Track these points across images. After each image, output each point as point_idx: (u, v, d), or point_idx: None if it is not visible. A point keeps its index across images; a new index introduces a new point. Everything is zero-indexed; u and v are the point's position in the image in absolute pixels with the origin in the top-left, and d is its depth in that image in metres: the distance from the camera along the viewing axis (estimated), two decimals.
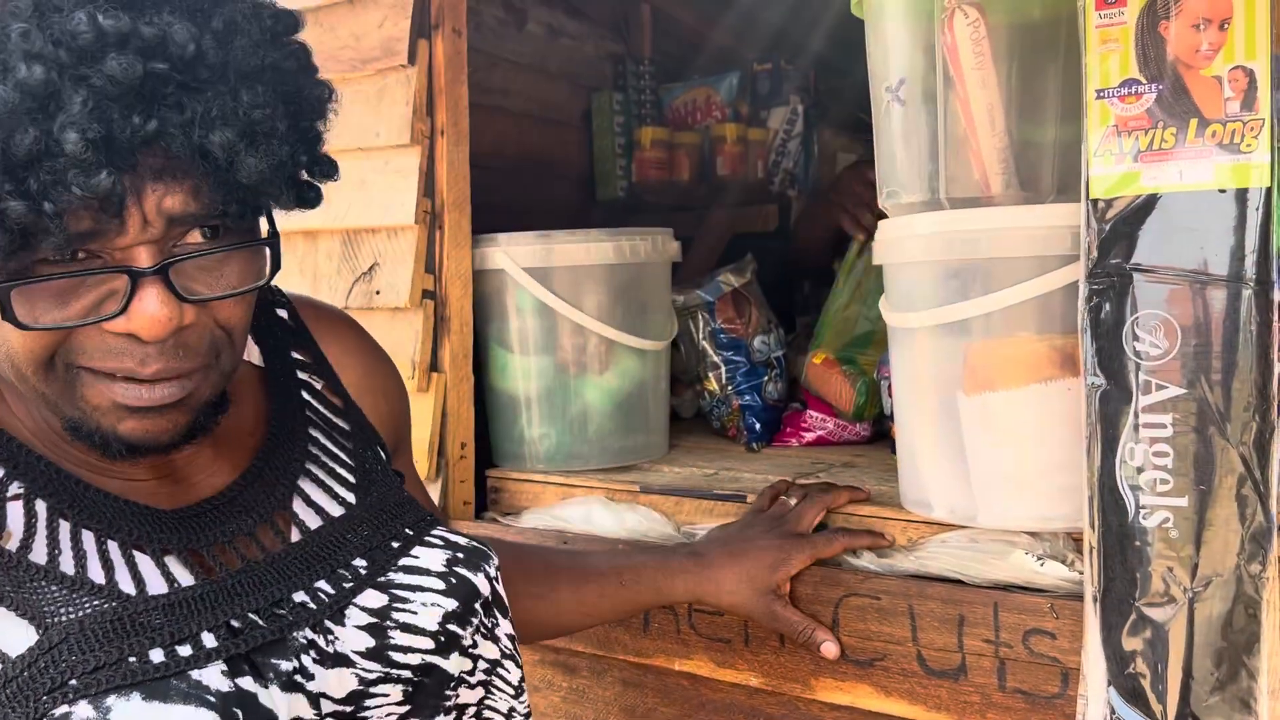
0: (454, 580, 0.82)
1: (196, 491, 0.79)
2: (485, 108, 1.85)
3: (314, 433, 0.88)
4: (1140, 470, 0.91)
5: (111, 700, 0.63)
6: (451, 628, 0.80)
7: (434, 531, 0.86)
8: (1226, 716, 0.89)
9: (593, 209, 2.16)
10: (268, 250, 0.72)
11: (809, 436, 1.54)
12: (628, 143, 2.16)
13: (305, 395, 0.90)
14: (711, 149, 2.17)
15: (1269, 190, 0.87)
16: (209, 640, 0.69)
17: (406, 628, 0.78)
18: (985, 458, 1.05)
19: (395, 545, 0.83)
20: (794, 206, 2.21)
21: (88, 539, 0.70)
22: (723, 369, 1.55)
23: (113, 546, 0.71)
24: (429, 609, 0.80)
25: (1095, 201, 0.93)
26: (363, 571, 0.80)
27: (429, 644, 0.79)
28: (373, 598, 0.79)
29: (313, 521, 0.82)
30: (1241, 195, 0.88)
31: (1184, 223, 0.90)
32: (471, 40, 1.49)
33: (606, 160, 2.17)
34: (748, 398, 1.54)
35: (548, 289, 1.40)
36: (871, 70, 1.14)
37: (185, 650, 0.67)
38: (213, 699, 0.66)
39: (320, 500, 0.84)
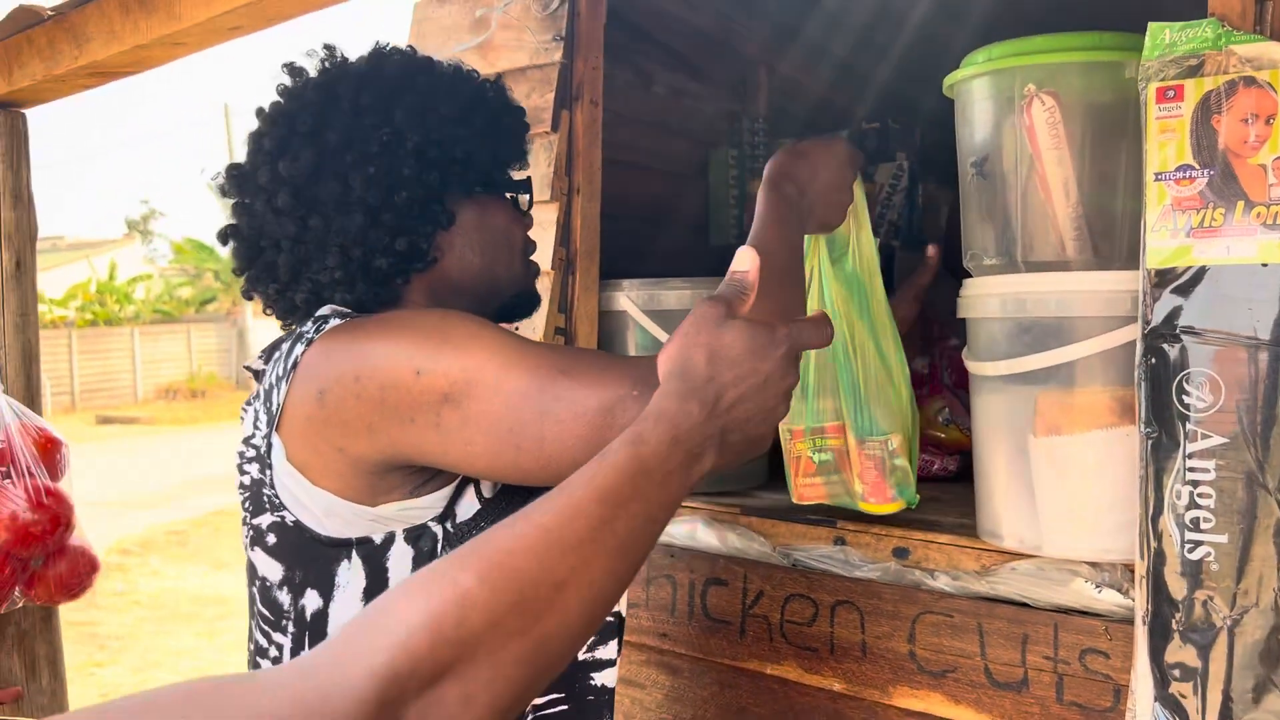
0: None
1: None
2: (612, 162, 2.03)
3: None
4: (1186, 509, 1.03)
5: None
6: None
7: None
8: None
9: (707, 253, 2.33)
10: None
11: None
12: (740, 194, 2.32)
13: None
14: None
15: None
16: None
17: None
18: (1052, 494, 1.17)
19: None
20: (896, 257, 2.34)
21: None
22: None
23: None
24: None
25: (1152, 271, 1.05)
26: None
27: None
28: None
29: None
30: None
31: (1230, 292, 1.02)
32: (603, 101, 1.67)
33: (721, 210, 2.34)
34: None
35: (663, 329, 1.57)
36: (959, 145, 1.28)
37: None
38: None
39: None
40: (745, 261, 0.84)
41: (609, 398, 0.94)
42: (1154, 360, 1.05)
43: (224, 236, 1.15)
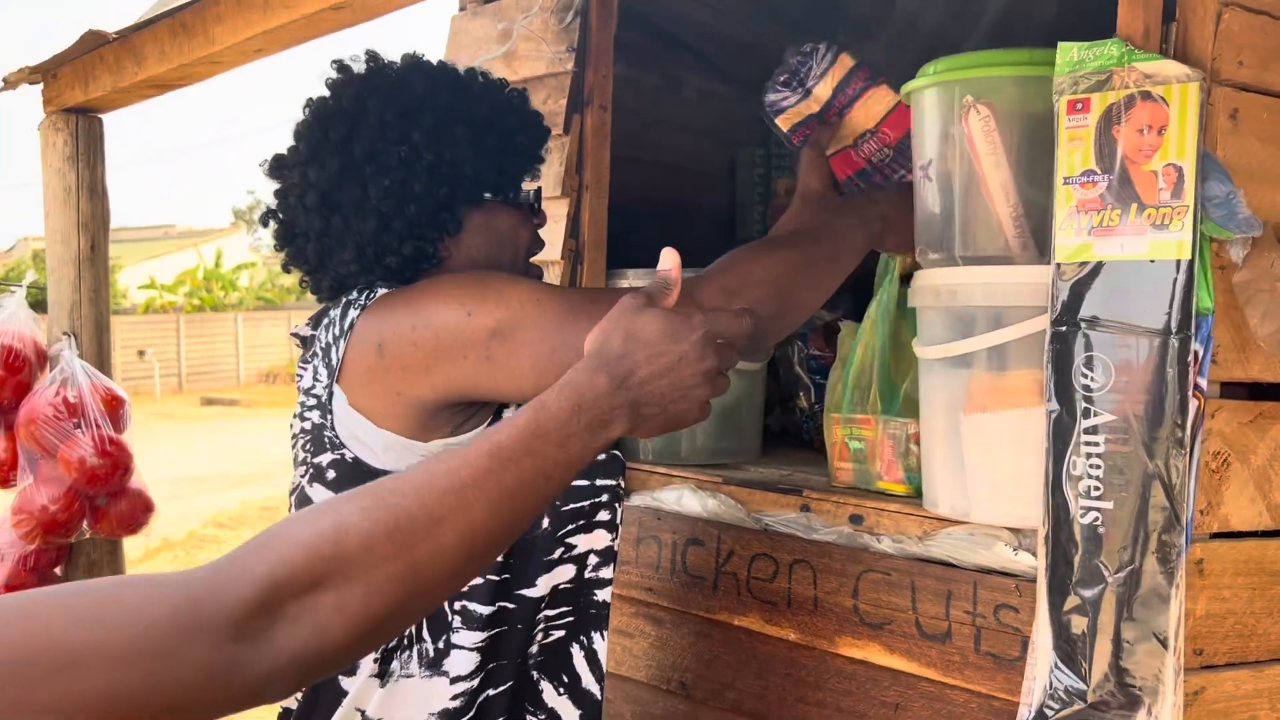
0: None
1: None
2: (641, 161, 2.19)
3: None
4: (1080, 478, 1.15)
5: None
6: None
7: None
8: (1141, 678, 1.12)
9: (733, 247, 2.47)
10: None
11: None
12: (765, 191, 2.46)
13: None
14: None
15: (1190, 262, 1.10)
16: None
17: None
18: (979, 466, 1.30)
19: None
20: None
21: None
22: (812, 390, 1.83)
23: None
24: None
25: (1059, 265, 1.17)
26: None
27: None
28: None
29: None
30: (1168, 265, 1.11)
31: (1123, 286, 1.13)
32: (631, 104, 1.83)
33: (747, 206, 2.48)
34: None
35: None
36: (913, 150, 1.41)
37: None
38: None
39: None
40: (667, 261, 0.98)
41: None
42: (1058, 346, 1.17)
43: (265, 219, 1.34)
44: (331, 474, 1.21)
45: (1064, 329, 1.16)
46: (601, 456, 1.29)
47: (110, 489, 1.72)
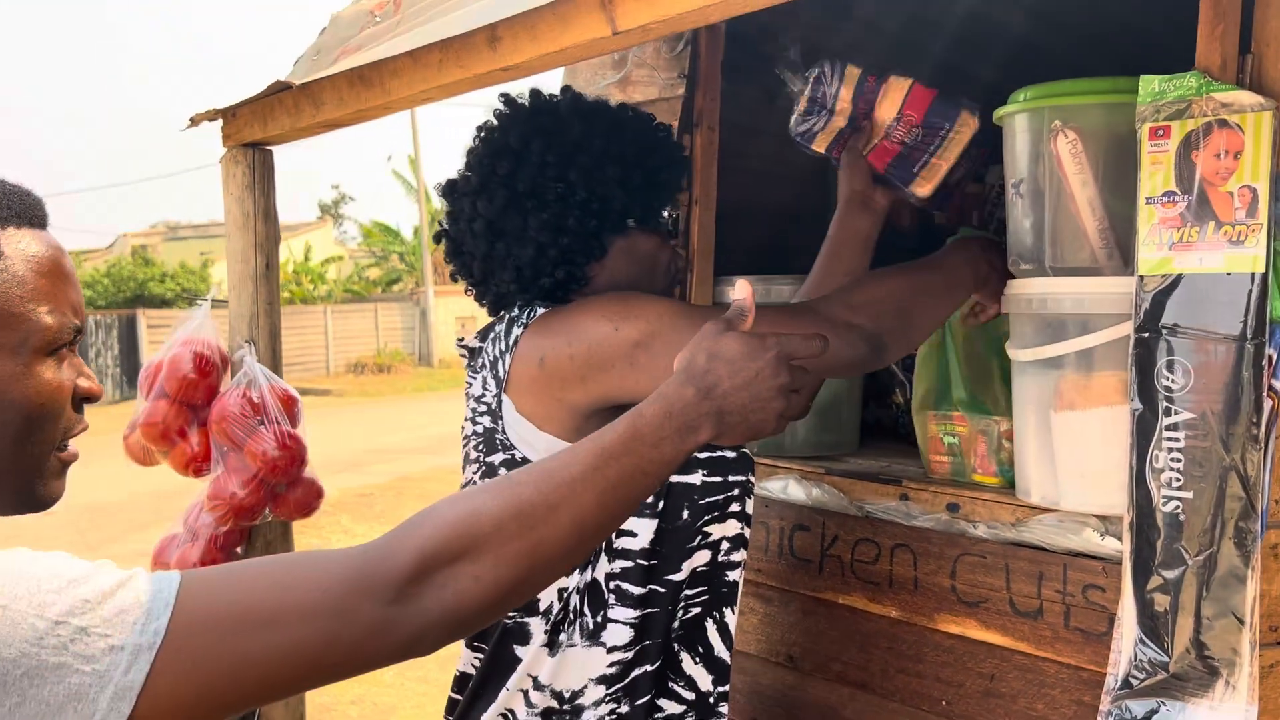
0: None
1: None
2: (739, 169, 2.33)
3: None
4: (1161, 471, 1.27)
5: None
6: None
7: None
8: (1219, 652, 1.23)
9: None
10: None
11: None
12: None
13: None
14: None
15: (1264, 274, 1.21)
16: None
17: None
18: (1068, 459, 1.42)
19: None
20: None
21: None
22: (908, 386, 1.96)
23: None
24: None
25: (1142, 277, 1.29)
26: None
27: None
28: None
29: None
30: (1244, 278, 1.22)
31: (1202, 296, 1.25)
32: (731, 116, 1.97)
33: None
34: None
35: None
36: (1005, 168, 1.53)
37: None
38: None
39: None
40: (742, 291, 1.12)
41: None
42: (1141, 350, 1.29)
43: (438, 237, 1.53)
44: (503, 471, 1.38)
45: (1147, 335, 1.28)
46: (731, 454, 1.44)
47: (289, 478, 1.94)
